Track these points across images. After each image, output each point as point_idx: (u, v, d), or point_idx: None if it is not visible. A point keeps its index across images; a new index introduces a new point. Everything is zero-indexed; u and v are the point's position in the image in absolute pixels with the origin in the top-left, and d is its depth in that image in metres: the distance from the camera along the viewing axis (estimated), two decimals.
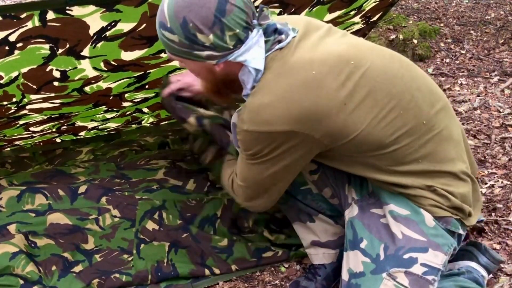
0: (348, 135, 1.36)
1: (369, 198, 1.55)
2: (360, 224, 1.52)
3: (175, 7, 1.30)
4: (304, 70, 1.33)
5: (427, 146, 1.44)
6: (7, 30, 1.38)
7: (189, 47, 1.33)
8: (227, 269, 1.87)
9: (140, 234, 1.93)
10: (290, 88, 1.32)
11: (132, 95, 2.07)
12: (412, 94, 1.42)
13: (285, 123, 1.32)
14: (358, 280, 1.47)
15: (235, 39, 1.32)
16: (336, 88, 1.32)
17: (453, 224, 1.48)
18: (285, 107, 1.32)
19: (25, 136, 2.27)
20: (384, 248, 1.45)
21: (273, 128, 1.33)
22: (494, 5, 4.54)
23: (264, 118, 1.34)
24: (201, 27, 1.28)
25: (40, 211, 1.96)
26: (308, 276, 1.79)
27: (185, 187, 2.15)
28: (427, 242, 1.44)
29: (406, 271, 1.42)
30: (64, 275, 1.78)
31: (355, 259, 1.49)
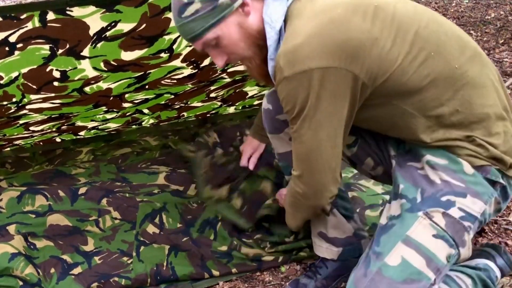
0: (385, 72, 1.34)
1: (405, 154, 1.54)
2: (398, 175, 1.51)
3: None
4: (330, 11, 1.33)
5: (462, 93, 1.41)
6: (7, 31, 1.38)
7: (211, 2, 1.32)
8: (227, 272, 1.87)
9: (140, 237, 1.93)
10: (320, 26, 1.30)
11: (132, 95, 2.07)
12: (439, 37, 1.41)
13: (323, 57, 1.29)
14: (394, 221, 1.45)
15: None
16: (364, 24, 1.32)
17: (493, 173, 1.44)
18: (318, 42, 1.29)
19: (25, 135, 2.27)
20: (421, 191, 1.44)
21: (313, 64, 1.29)
22: (494, 5, 4.54)
23: (301, 57, 1.30)
24: None
25: (40, 212, 1.96)
26: (308, 274, 1.79)
27: (186, 192, 2.15)
28: (465, 188, 1.41)
29: (444, 212, 1.40)
30: (63, 278, 1.77)
31: (395, 206, 1.48)
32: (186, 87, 2.14)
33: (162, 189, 2.15)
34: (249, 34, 1.38)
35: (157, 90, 2.08)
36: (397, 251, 1.40)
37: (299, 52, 1.30)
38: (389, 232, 1.45)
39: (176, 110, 2.44)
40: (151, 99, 2.18)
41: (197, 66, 1.95)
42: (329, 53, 1.29)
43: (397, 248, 1.40)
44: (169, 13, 1.56)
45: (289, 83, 1.32)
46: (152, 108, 2.32)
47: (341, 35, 1.30)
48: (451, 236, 1.40)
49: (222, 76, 2.16)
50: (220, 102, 2.52)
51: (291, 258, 1.91)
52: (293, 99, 1.34)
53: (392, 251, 1.40)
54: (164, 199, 2.08)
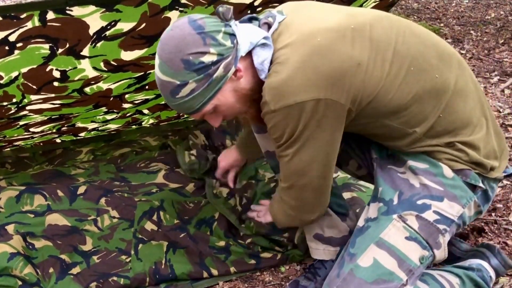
0: (369, 95, 1.36)
1: (387, 158, 1.57)
2: (378, 177, 1.55)
3: (166, 64, 1.31)
4: (309, 40, 1.34)
5: (445, 101, 1.43)
6: (7, 30, 1.38)
7: (207, 78, 1.33)
8: (225, 270, 1.86)
9: (138, 234, 1.93)
10: (301, 59, 1.32)
11: (132, 96, 2.07)
12: (418, 49, 1.42)
13: (308, 91, 1.32)
14: (370, 223, 1.49)
15: (228, 37, 1.33)
16: (345, 50, 1.34)
17: (473, 177, 1.47)
18: (302, 76, 1.31)
19: (25, 136, 2.27)
20: (398, 194, 1.47)
21: (299, 98, 1.32)
22: (494, 5, 4.54)
23: (286, 92, 1.32)
24: (200, 50, 1.30)
25: (38, 212, 1.96)
26: (308, 276, 1.78)
27: (184, 188, 2.15)
28: (443, 192, 1.45)
29: (417, 215, 1.43)
30: (61, 278, 1.77)
31: (373, 209, 1.52)
32: None
33: (160, 188, 2.15)
34: (243, 94, 1.41)
35: (157, 90, 2.08)
36: (369, 252, 1.45)
37: (284, 88, 1.32)
38: (364, 234, 1.49)
39: None
40: (151, 99, 2.18)
41: None
42: (314, 85, 1.32)
43: (370, 249, 1.45)
44: (169, 12, 1.56)
45: (276, 115, 1.35)
46: (152, 109, 2.32)
47: (325, 67, 1.32)
48: (424, 238, 1.43)
49: None
50: None
51: (289, 257, 1.91)
52: (281, 128, 1.38)
53: (365, 252, 1.45)
54: (161, 196, 2.08)
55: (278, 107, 1.34)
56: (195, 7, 1.58)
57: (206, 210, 2.05)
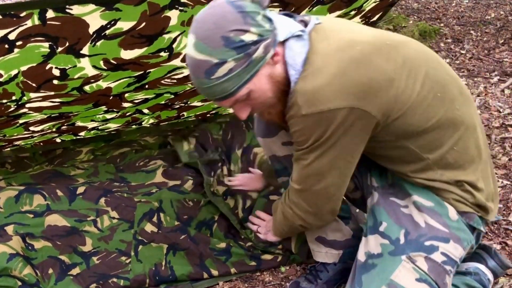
0: (397, 111, 1.35)
1: (388, 188, 1.56)
2: (380, 210, 1.53)
3: (203, 42, 1.26)
4: (349, 49, 1.32)
5: (460, 134, 1.43)
6: (7, 28, 1.38)
7: (246, 58, 1.28)
8: (226, 271, 1.86)
9: (138, 236, 1.92)
10: (340, 66, 1.30)
11: (132, 95, 2.06)
12: (444, 78, 1.43)
13: (343, 99, 1.30)
14: (375, 260, 1.47)
15: (266, 20, 1.30)
16: (381, 64, 1.33)
17: (476, 220, 1.48)
18: (339, 83, 1.30)
19: (25, 136, 2.26)
20: (404, 233, 1.45)
21: (333, 105, 1.30)
22: (494, 5, 4.53)
23: (321, 98, 1.30)
24: (241, 28, 1.26)
25: (38, 212, 1.95)
26: (309, 277, 1.78)
27: (182, 186, 2.15)
28: (449, 234, 1.44)
29: (426, 256, 1.42)
30: (61, 278, 1.77)
31: (374, 242, 1.50)
32: (186, 87, 2.13)
33: (159, 187, 2.14)
34: (276, 82, 1.36)
35: (157, 90, 2.08)
36: None
37: (319, 93, 1.30)
38: (371, 272, 1.46)
39: (176, 109, 2.44)
40: (151, 99, 2.17)
41: None
42: (349, 94, 1.30)
43: None
44: (168, 11, 1.55)
45: (306, 120, 1.33)
46: (152, 108, 2.32)
47: (362, 77, 1.30)
48: (434, 279, 1.42)
49: None
50: None
51: (290, 258, 1.91)
52: (307, 133, 1.36)
53: None
54: (160, 196, 2.08)
55: (310, 112, 1.31)
56: (195, 6, 1.57)
57: (205, 211, 2.05)
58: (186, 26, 1.65)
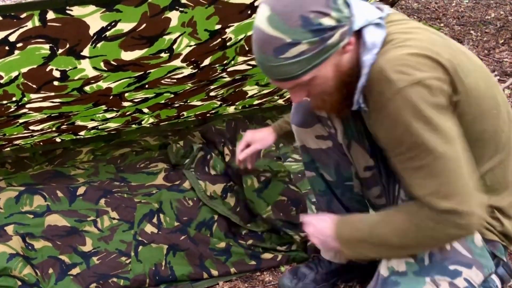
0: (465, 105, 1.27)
1: None
2: None
3: (280, 17, 1.17)
4: (426, 30, 1.28)
5: (501, 157, 1.37)
6: (7, 30, 1.38)
7: (320, 42, 1.18)
8: (225, 271, 1.87)
9: (138, 236, 1.92)
10: (423, 41, 1.23)
11: (132, 95, 2.07)
12: (503, 97, 1.39)
13: (437, 69, 1.20)
14: (398, 278, 1.41)
15: (346, 5, 1.22)
16: (464, 58, 1.29)
17: (499, 249, 1.43)
18: (430, 54, 1.20)
19: (25, 135, 2.27)
20: (429, 254, 1.39)
21: (427, 74, 1.19)
22: (494, 5, 4.53)
23: (413, 66, 1.19)
24: (322, 10, 1.16)
25: (38, 213, 1.95)
26: (310, 265, 1.77)
27: (182, 184, 2.15)
28: (472, 260, 1.39)
29: (450, 281, 1.37)
30: (61, 278, 1.77)
31: (399, 259, 1.42)
32: (186, 86, 2.14)
33: (159, 188, 2.15)
34: (341, 72, 1.28)
35: (157, 89, 2.08)
36: None
37: (410, 61, 1.20)
38: None
39: (176, 108, 2.44)
40: (151, 98, 2.18)
41: (197, 66, 1.95)
42: (441, 65, 1.22)
43: None
44: (169, 12, 1.55)
45: (406, 94, 1.18)
46: (152, 107, 2.32)
47: (445, 54, 1.23)
48: None
49: (222, 75, 2.16)
50: (220, 101, 2.52)
51: (290, 257, 1.91)
52: (410, 112, 1.19)
53: None
54: (160, 196, 2.08)
55: (407, 83, 1.18)
56: (195, 7, 1.57)
57: (205, 211, 2.05)
58: (186, 27, 1.65)
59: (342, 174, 1.62)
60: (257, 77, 2.33)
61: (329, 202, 1.71)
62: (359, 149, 1.55)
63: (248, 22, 1.77)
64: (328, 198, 1.71)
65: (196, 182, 2.14)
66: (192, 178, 2.16)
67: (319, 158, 1.63)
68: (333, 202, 1.71)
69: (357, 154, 1.57)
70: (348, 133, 1.54)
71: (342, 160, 1.61)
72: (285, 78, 1.24)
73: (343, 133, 1.55)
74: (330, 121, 1.56)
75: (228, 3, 1.62)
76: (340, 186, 1.66)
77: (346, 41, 1.23)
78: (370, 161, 1.57)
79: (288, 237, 1.94)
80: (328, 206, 1.72)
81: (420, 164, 1.22)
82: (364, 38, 1.26)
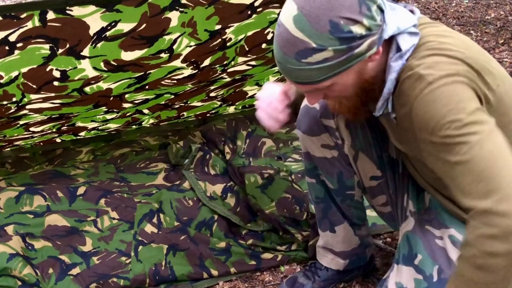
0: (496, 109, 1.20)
1: (424, 213, 1.46)
2: (416, 240, 1.42)
3: (308, 20, 1.09)
4: (462, 36, 1.23)
5: None
6: (7, 30, 1.38)
7: (347, 51, 1.12)
8: (225, 271, 1.87)
9: (138, 236, 1.92)
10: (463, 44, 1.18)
11: (132, 96, 2.07)
12: None
13: (466, 64, 1.14)
14: None
15: (380, 12, 1.14)
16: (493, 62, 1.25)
17: None
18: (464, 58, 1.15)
19: (25, 136, 2.27)
20: (438, 270, 1.36)
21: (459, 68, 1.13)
22: (494, 5, 4.53)
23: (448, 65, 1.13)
24: (353, 17, 1.09)
25: (38, 213, 1.95)
26: (307, 274, 1.77)
27: (182, 184, 2.15)
28: None
29: None
30: (61, 278, 1.77)
31: (408, 275, 1.40)
32: (186, 87, 2.14)
33: (159, 188, 2.15)
34: (363, 79, 1.21)
35: (157, 90, 2.08)
36: None
37: (443, 61, 1.15)
38: None
39: (176, 109, 2.44)
40: (151, 99, 2.18)
41: (197, 66, 1.95)
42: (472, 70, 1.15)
43: None
44: (169, 12, 1.55)
45: (436, 87, 1.12)
46: (152, 108, 2.32)
47: (481, 60, 1.18)
48: None
49: (222, 76, 2.16)
50: (220, 101, 2.52)
51: (290, 257, 1.91)
52: (445, 104, 1.11)
53: None
54: (160, 197, 2.08)
55: (438, 76, 1.11)
56: (195, 7, 1.58)
57: (205, 210, 2.05)
58: (186, 28, 1.66)
59: (344, 183, 1.60)
60: (257, 77, 2.33)
61: (325, 210, 1.69)
62: (366, 160, 1.53)
63: (248, 23, 1.77)
64: (325, 206, 1.69)
65: (196, 183, 2.13)
66: (192, 179, 2.16)
67: (322, 166, 1.60)
68: (330, 210, 1.68)
69: (363, 165, 1.55)
70: (356, 144, 1.52)
71: (346, 170, 1.59)
72: (303, 82, 1.18)
73: (351, 144, 1.52)
74: (338, 132, 1.52)
75: (228, 3, 1.62)
76: (341, 194, 1.64)
77: (374, 50, 1.15)
78: (377, 172, 1.55)
79: (288, 237, 1.94)
80: (324, 213, 1.70)
81: (461, 168, 1.11)
82: (398, 45, 1.19)
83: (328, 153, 1.57)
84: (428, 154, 1.19)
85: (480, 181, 1.08)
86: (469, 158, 1.09)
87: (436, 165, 1.18)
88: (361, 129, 1.50)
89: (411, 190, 1.52)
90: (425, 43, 1.19)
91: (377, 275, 1.83)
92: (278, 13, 1.81)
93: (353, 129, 1.50)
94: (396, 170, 1.54)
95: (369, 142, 1.51)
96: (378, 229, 2.00)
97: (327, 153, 1.58)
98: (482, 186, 1.08)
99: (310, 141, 1.58)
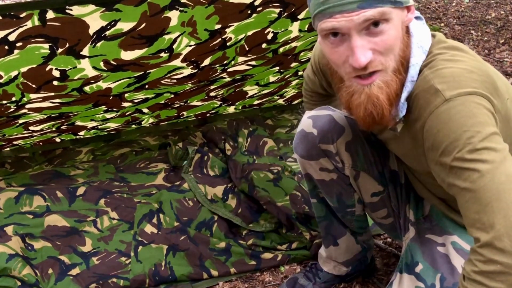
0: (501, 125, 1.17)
1: (424, 222, 1.47)
2: (416, 248, 1.43)
3: None
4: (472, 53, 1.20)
5: None
6: (7, 29, 1.38)
7: None
8: (225, 271, 1.86)
9: (138, 237, 1.92)
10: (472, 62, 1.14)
11: (132, 95, 2.06)
12: None
13: (482, 84, 1.10)
14: None
15: None
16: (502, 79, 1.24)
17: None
18: (476, 72, 1.11)
19: (24, 135, 2.26)
20: (440, 278, 1.35)
21: (477, 85, 1.09)
22: (495, 5, 4.53)
23: (463, 79, 1.09)
24: None
25: (37, 213, 1.95)
26: (308, 275, 1.77)
27: (181, 185, 2.15)
28: None
29: None
30: (61, 279, 1.77)
31: (409, 283, 1.40)
32: (186, 86, 2.13)
33: (159, 188, 2.15)
34: (404, 41, 1.14)
35: (157, 90, 2.08)
36: None
37: (458, 74, 1.10)
38: None
39: (176, 109, 2.44)
40: (151, 98, 2.17)
41: (197, 66, 1.94)
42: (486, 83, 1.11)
43: None
44: (168, 12, 1.55)
45: (453, 106, 1.07)
46: (151, 108, 2.32)
47: (496, 80, 1.16)
48: None
49: (222, 76, 2.15)
50: (220, 101, 2.52)
51: (290, 257, 1.91)
52: (459, 125, 1.06)
53: None
54: (160, 197, 2.07)
55: (456, 94, 1.07)
56: (195, 6, 1.57)
57: (205, 211, 2.05)
58: (186, 27, 1.65)
59: (344, 202, 1.59)
60: (257, 77, 2.32)
61: (328, 227, 1.70)
62: (367, 177, 1.53)
63: (248, 22, 1.76)
64: (327, 223, 1.70)
65: (195, 186, 2.13)
66: (192, 182, 2.16)
67: (321, 187, 1.60)
68: (331, 226, 1.69)
69: (364, 183, 1.55)
70: (358, 165, 1.51)
71: (345, 191, 1.58)
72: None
73: (351, 166, 1.51)
74: (338, 156, 1.50)
75: (228, 2, 1.61)
76: (341, 211, 1.64)
77: (411, 2, 1.12)
78: (378, 187, 1.55)
79: (291, 235, 1.94)
80: (327, 231, 1.71)
81: (468, 197, 1.06)
82: (412, 32, 1.16)
83: (327, 176, 1.56)
84: (436, 174, 1.15)
85: (485, 213, 1.03)
86: (477, 187, 1.04)
87: (444, 185, 1.14)
88: (361, 149, 1.49)
89: (412, 200, 1.52)
90: (438, 54, 1.16)
91: (377, 275, 1.83)
92: (278, 12, 1.81)
93: (353, 151, 1.49)
94: (398, 182, 1.54)
95: (370, 160, 1.51)
96: (378, 229, 2.00)
97: (325, 176, 1.57)
98: (486, 219, 1.03)
99: (308, 165, 1.58)
